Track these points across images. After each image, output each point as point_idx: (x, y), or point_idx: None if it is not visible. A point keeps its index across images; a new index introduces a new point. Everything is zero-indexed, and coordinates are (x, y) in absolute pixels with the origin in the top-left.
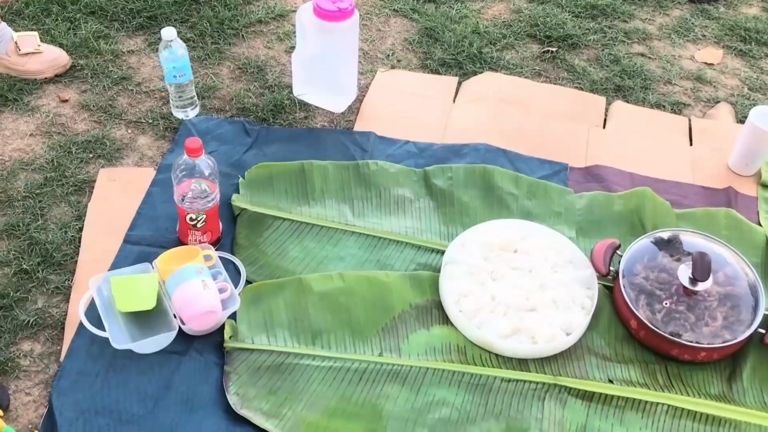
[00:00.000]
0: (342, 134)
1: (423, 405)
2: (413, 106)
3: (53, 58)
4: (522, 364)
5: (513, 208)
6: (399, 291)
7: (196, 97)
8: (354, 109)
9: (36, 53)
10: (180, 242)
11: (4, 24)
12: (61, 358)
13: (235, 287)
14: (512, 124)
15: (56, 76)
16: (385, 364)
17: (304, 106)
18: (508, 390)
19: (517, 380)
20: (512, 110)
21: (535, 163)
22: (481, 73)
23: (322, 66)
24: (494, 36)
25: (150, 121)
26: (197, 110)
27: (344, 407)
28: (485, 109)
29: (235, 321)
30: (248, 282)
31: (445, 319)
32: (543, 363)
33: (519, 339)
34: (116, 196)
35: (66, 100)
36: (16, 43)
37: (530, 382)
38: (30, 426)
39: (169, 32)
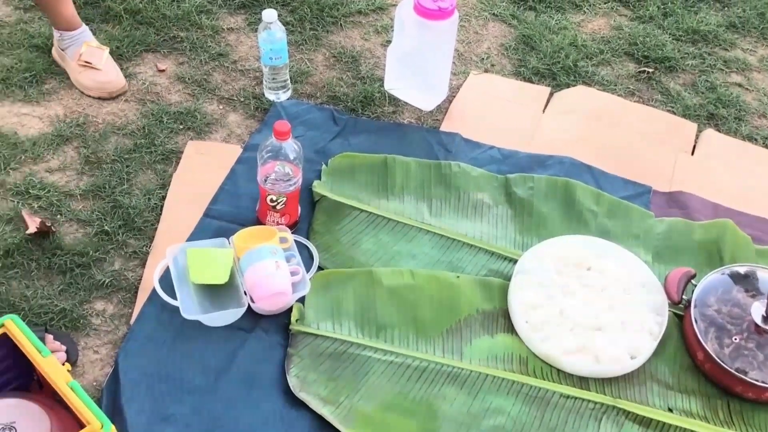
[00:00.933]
0: (428, 132)
1: (479, 411)
2: (502, 111)
3: (105, 81)
4: (582, 381)
5: (591, 226)
6: (467, 295)
7: (289, 81)
8: (443, 108)
9: (93, 69)
10: (258, 222)
11: (85, 28)
12: (131, 321)
13: (307, 272)
14: (600, 141)
15: (99, 98)
16: (446, 366)
17: (393, 100)
18: (565, 406)
19: (576, 398)
20: (601, 127)
21: (619, 182)
22: (575, 86)
23: (416, 63)
24: (591, 50)
25: (242, 99)
26: (289, 93)
27: (400, 403)
28: (574, 123)
29: (303, 305)
30: (320, 268)
31: (511, 329)
32: (604, 383)
33: (583, 357)
34: (201, 170)
35: (163, 70)
36: (81, 51)
37: (589, 401)
38: (95, 383)
39: (270, 14)
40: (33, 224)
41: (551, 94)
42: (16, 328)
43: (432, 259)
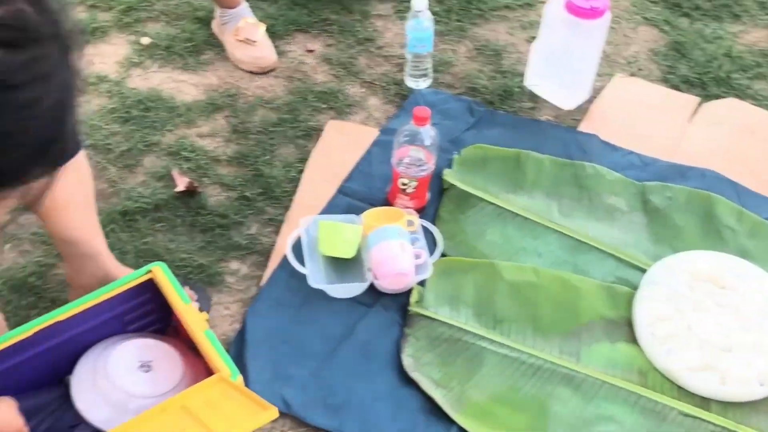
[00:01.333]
0: (566, 131)
1: (592, 416)
2: (646, 117)
3: (259, 56)
4: (703, 402)
5: (730, 244)
6: (591, 299)
7: (430, 70)
8: (583, 109)
9: (249, 44)
10: (387, 203)
11: (245, 5)
12: (261, 284)
13: (430, 256)
14: (747, 157)
15: (251, 72)
16: (561, 367)
17: (532, 96)
18: (683, 424)
19: (695, 417)
20: (751, 143)
21: (765, 201)
22: (725, 98)
23: (561, 61)
24: (747, 62)
25: (383, 84)
26: (429, 82)
27: (512, 397)
28: (722, 136)
29: (424, 288)
30: (443, 255)
31: (633, 339)
32: (727, 407)
33: (707, 376)
34: (339, 148)
35: (311, 51)
36: (239, 27)
37: (708, 422)
38: (223, 337)
39: (420, 2)
40: (182, 183)
41: (699, 105)
42: (162, 274)
43: (557, 259)
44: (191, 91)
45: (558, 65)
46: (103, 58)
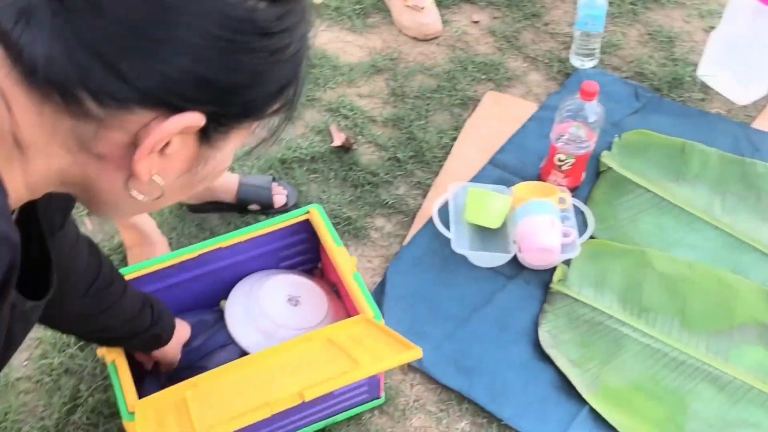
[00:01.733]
0: (737, 126)
1: (734, 420)
2: None
3: (424, 23)
4: None
5: None
6: (748, 302)
7: (598, 50)
8: (759, 105)
9: (416, 10)
10: (540, 179)
11: None
12: (404, 243)
13: (579, 236)
14: None
15: (415, 38)
16: (707, 365)
17: (704, 88)
18: None
19: None
20: None
21: None
22: None
23: (744, 52)
24: None
25: (546, 61)
26: (594, 63)
27: (650, 387)
28: None
29: (568, 267)
30: (591, 237)
31: None
32: None
33: None
34: (494, 120)
35: (476, 22)
36: None
37: None
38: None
39: None
40: (338, 139)
41: None
42: (318, 216)
43: (714, 256)
44: (355, 52)
45: (738, 57)
46: None
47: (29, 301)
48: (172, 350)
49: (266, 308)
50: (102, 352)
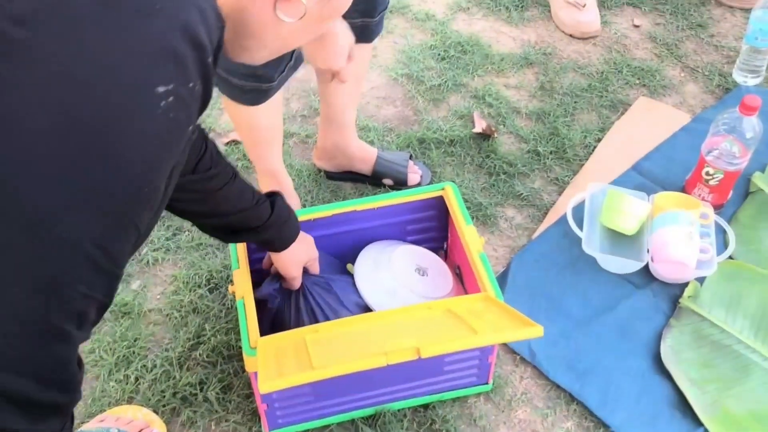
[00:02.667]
0: None
1: None
2: None
3: (584, 21)
4: None
5: None
6: None
7: (764, 68)
8: None
9: (577, 8)
10: (684, 191)
11: None
12: (533, 236)
13: (717, 255)
14: None
15: (571, 35)
16: None
17: None
18: None
19: None
20: None
21: None
22: None
23: None
24: None
25: (706, 73)
26: (759, 80)
27: None
28: None
29: (701, 285)
30: (731, 258)
31: None
32: None
33: None
34: (643, 125)
35: (638, 26)
36: None
37: None
38: None
39: None
40: (480, 125)
41: None
42: (452, 193)
43: None
44: (508, 43)
45: None
46: None
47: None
48: (289, 262)
49: (396, 272)
50: (232, 289)
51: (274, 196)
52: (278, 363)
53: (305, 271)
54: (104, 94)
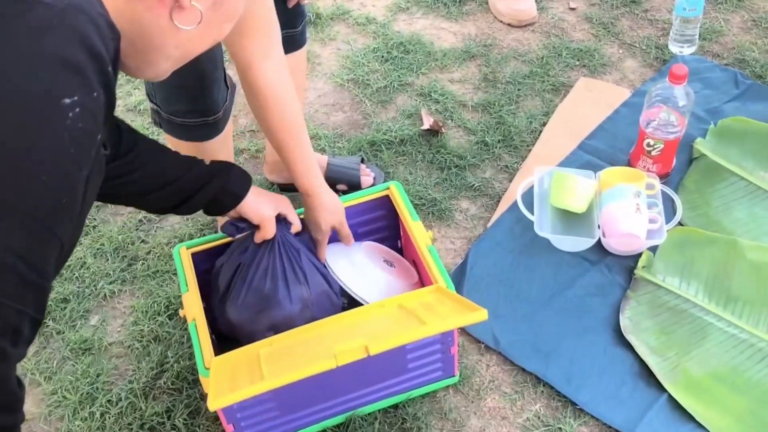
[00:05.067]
0: None
1: None
2: None
3: (520, 9)
4: None
5: None
6: None
7: (697, 37)
8: None
9: None
10: (629, 165)
11: None
12: (488, 225)
13: (666, 223)
14: None
15: (509, 24)
16: None
17: None
18: None
19: None
20: None
21: None
22: None
23: None
24: None
25: (643, 47)
26: (693, 49)
27: (733, 378)
28: None
29: (654, 254)
30: (679, 224)
31: None
32: None
33: None
34: (586, 105)
35: (574, 9)
36: None
37: None
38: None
39: None
40: (428, 122)
41: None
42: (397, 192)
43: None
44: (449, 39)
45: None
46: (375, 2)
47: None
48: (252, 211)
49: (368, 257)
50: (183, 312)
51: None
52: (232, 380)
53: (281, 220)
54: (12, 109)
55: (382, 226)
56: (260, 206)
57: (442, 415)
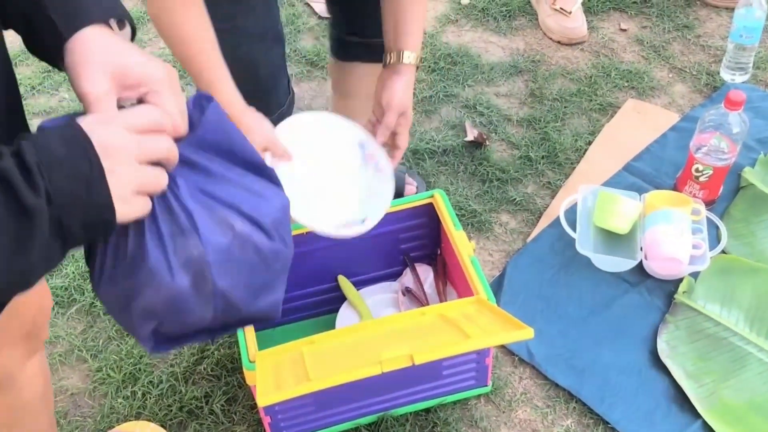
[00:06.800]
0: None
1: None
2: None
3: (570, 27)
4: None
5: None
6: None
7: (750, 65)
8: None
9: (564, 14)
10: (675, 189)
11: None
12: (528, 240)
13: (710, 250)
14: None
15: (559, 42)
16: None
17: None
18: None
19: None
20: None
21: None
22: None
23: None
24: None
25: (694, 72)
26: (746, 77)
27: None
28: None
29: (695, 280)
30: (723, 252)
31: None
32: None
33: None
34: (633, 127)
35: (625, 30)
36: None
37: None
38: None
39: None
40: (471, 134)
41: None
42: (441, 200)
43: None
44: (497, 53)
45: None
46: None
47: None
48: (81, 64)
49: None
50: None
51: None
52: (276, 376)
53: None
54: None
55: (423, 234)
56: (85, 65)
57: (472, 422)
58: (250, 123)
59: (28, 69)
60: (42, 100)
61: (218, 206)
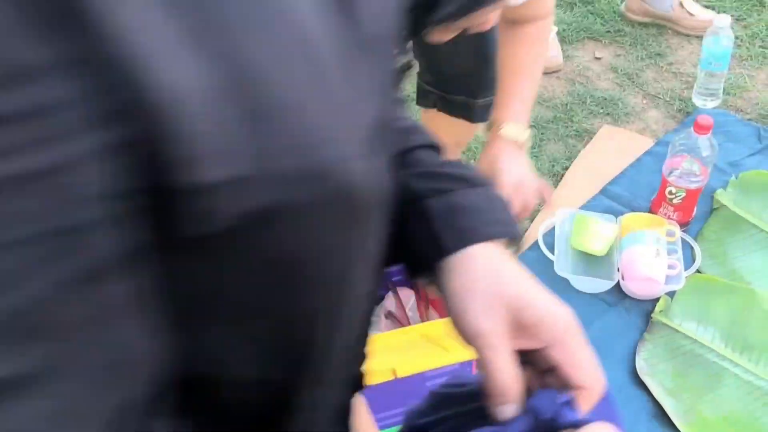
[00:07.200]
0: None
1: None
2: None
3: (549, 56)
4: None
5: None
6: None
7: (721, 91)
8: None
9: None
10: (650, 211)
11: None
12: None
13: (685, 270)
14: None
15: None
16: None
17: None
18: None
19: None
20: None
21: None
22: None
23: None
24: None
25: (667, 99)
26: (717, 103)
27: (748, 423)
28: None
29: (671, 299)
30: (698, 272)
31: None
32: None
33: None
34: (609, 153)
35: (599, 58)
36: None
37: None
38: None
39: (723, 19)
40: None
41: None
42: None
43: None
44: None
45: None
46: None
47: None
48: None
49: None
50: None
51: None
52: None
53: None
54: None
55: None
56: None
57: None
58: None
59: None
60: None
61: None
